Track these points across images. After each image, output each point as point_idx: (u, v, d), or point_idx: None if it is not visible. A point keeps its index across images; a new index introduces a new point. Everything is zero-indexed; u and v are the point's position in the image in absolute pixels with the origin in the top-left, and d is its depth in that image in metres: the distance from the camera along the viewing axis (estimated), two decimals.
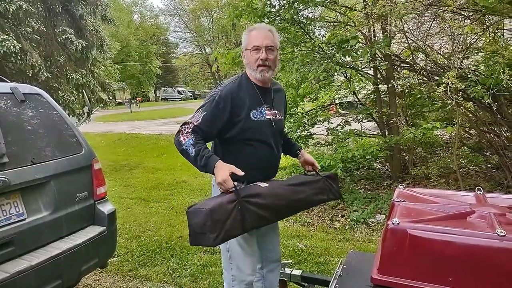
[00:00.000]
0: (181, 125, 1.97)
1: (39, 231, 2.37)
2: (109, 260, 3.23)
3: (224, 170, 1.84)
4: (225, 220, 1.73)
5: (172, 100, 46.61)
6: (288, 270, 2.54)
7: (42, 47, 9.65)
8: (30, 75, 8.53)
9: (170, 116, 23.26)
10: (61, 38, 9.45)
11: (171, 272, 3.36)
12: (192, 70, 54.03)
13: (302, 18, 5.18)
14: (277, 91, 2.20)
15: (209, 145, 2.10)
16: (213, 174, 1.88)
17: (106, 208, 2.82)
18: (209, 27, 48.10)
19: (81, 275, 2.67)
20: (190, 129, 1.92)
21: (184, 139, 1.90)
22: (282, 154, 2.33)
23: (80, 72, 10.07)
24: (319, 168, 2.33)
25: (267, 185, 1.97)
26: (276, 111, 2.13)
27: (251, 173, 2.00)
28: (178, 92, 48.98)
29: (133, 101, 32.79)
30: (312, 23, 5.36)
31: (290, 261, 3.14)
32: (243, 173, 1.88)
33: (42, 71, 8.70)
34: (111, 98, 12.61)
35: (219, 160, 1.88)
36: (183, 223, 4.60)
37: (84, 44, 9.74)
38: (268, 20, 5.09)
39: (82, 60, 10.35)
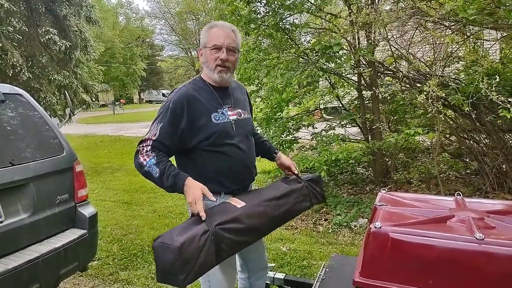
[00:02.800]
0: (138, 144, 1.78)
1: (17, 234, 2.31)
2: (90, 264, 3.17)
3: (196, 189, 1.67)
4: (197, 256, 1.52)
5: (156, 103, 46.22)
6: (271, 274, 2.54)
7: (24, 47, 9.46)
8: (10, 75, 8.35)
9: None
10: (44, 39, 9.29)
11: (153, 276, 3.31)
12: (177, 73, 53.76)
13: (287, 24, 5.23)
14: (235, 88, 2.06)
15: (173, 160, 1.88)
16: (183, 193, 1.71)
17: (87, 211, 2.77)
18: (195, 30, 47.97)
19: (60, 279, 2.61)
20: (149, 147, 1.74)
21: (145, 159, 1.71)
22: (260, 157, 2.24)
23: (62, 73, 9.91)
24: (297, 171, 2.17)
25: (244, 204, 1.77)
26: (240, 110, 1.98)
27: (226, 182, 1.91)
28: (163, 94, 48.57)
29: (116, 103, 32.37)
30: (298, 29, 5.41)
31: (273, 264, 3.15)
32: (214, 199, 1.74)
33: (23, 71, 8.54)
34: (94, 99, 12.43)
35: (189, 177, 1.71)
36: (166, 227, 4.56)
37: (67, 45, 9.60)
38: (253, 26, 5.12)
39: (65, 61, 10.20)
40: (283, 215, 1.95)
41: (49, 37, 9.13)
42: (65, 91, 9.75)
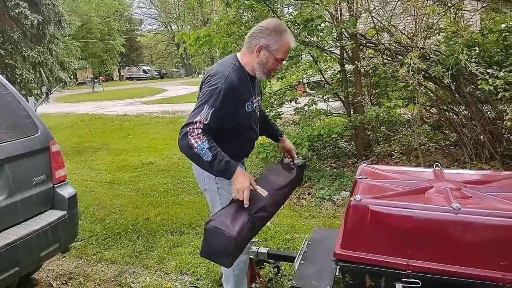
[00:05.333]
0: (186, 125, 1.82)
1: None
2: (72, 245, 3.15)
3: (245, 178, 1.85)
4: (243, 242, 1.81)
5: (137, 80, 45.26)
6: (254, 248, 2.57)
7: None
8: None
9: (136, 96, 22.63)
10: (14, 12, 8.86)
11: (137, 254, 3.32)
12: (157, 48, 52.49)
13: None
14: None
15: None
16: (227, 178, 1.86)
17: (66, 191, 2.71)
18: (174, 3, 46.61)
19: (41, 261, 2.58)
20: (201, 129, 1.79)
21: (196, 141, 1.78)
22: (264, 136, 2.48)
23: (36, 49, 9.53)
24: (295, 156, 2.46)
25: (267, 192, 2.00)
26: (258, 98, 2.17)
27: (241, 157, 2.20)
28: (144, 71, 47.57)
29: (96, 80, 31.50)
30: (279, 0, 5.28)
31: (257, 239, 3.18)
32: (265, 193, 1.95)
33: None
34: (71, 77, 12.08)
35: (238, 166, 1.87)
36: (150, 205, 4.54)
37: (40, 19, 9.20)
38: None
39: (39, 36, 9.81)
40: (285, 200, 2.32)
41: (20, 10, 8.72)
42: (40, 69, 9.42)
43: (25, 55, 9.32)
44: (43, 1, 9.63)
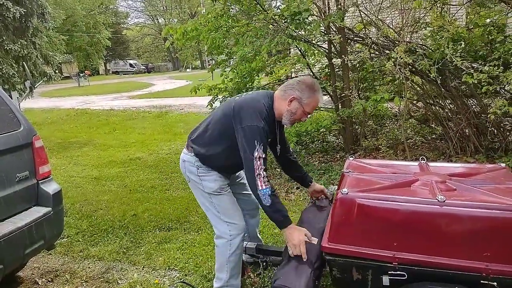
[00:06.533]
0: (250, 158, 2.00)
1: None
2: (58, 242, 3.10)
3: (300, 233, 1.99)
4: None
5: (124, 74, 44.70)
6: (243, 243, 2.56)
7: None
8: None
9: (122, 90, 22.35)
10: None
11: (124, 250, 3.28)
12: (144, 41, 51.87)
13: None
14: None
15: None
16: (279, 228, 2.05)
17: (50, 187, 2.66)
18: None
19: (26, 258, 2.54)
20: (264, 171, 1.99)
21: (262, 185, 1.99)
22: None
23: (19, 43, 9.31)
24: (328, 194, 2.60)
25: (317, 239, 2.07)
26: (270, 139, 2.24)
27: (232, 171, 2.39)
28: (130, 65, 46.97)
29: (81, 74, 30.98)
30: None
31: (246, 234, 3.17)
32: (315, 240, 2.03)
33: None
34: (56, 71, 11.85)
35: (293, 223, 2.05)
36: (137, 201, 4.49)
37: (22, 12, 8.98)
38: None
39: (22, 29, 9.58)
40: None
41: (1, 3, 8.51)
42: (24, 63, 9.22)
43: (8, 48, 9.10)
44: None
